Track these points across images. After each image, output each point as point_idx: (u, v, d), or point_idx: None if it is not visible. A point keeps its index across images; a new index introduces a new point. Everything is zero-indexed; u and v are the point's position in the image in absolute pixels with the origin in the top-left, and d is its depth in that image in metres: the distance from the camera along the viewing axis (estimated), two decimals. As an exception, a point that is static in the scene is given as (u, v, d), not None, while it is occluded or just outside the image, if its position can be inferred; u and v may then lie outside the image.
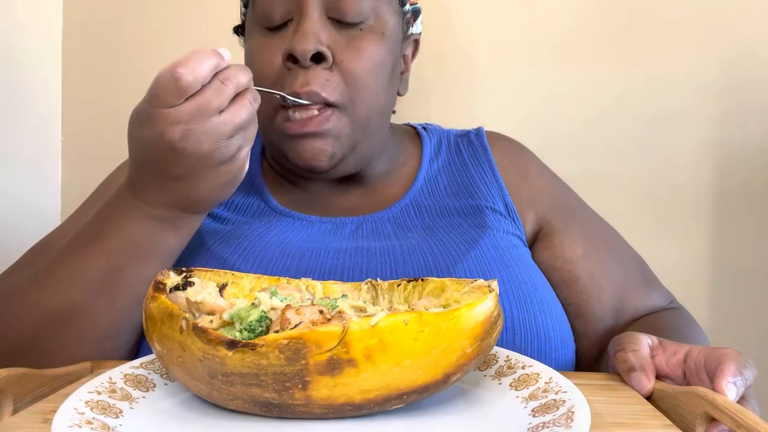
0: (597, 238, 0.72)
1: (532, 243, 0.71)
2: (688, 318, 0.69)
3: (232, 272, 0.51)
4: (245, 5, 0.70)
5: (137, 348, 0.60)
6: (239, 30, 0.74)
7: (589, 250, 0.70)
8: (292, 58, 0.61)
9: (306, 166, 0.63)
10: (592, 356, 0.69)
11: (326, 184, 0.71)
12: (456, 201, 0.70)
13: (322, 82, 0.60)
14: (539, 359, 0.58)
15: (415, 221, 0.67)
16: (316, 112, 0.61)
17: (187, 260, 0.63)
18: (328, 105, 0.61)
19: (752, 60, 1.05)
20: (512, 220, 0.69)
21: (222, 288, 0.49)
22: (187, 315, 0.41)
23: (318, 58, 0.60)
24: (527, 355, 0.58)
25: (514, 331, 0.58)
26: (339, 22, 0.63)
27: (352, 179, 0.70)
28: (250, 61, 0.66)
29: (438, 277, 0.59)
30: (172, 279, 0.47)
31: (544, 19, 1.08)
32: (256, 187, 0.71)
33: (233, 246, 0.62)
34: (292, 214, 0.67)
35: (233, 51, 0.99)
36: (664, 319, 0.68)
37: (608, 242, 0.73)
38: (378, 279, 0.53)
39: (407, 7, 0.70)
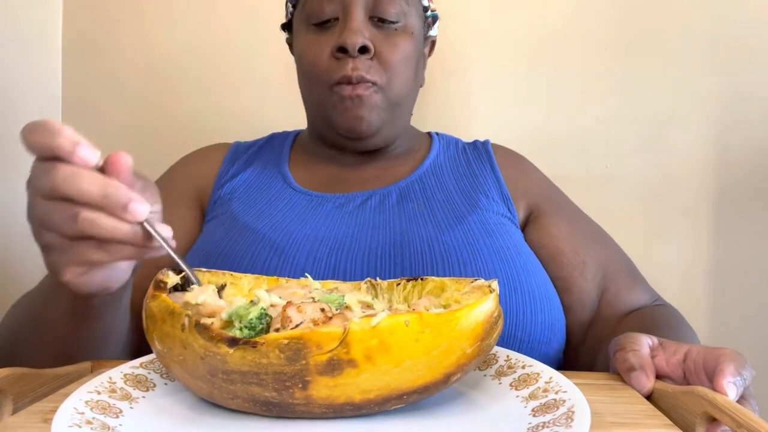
0: (583, 225, 0.79)
1: (524, 227, 0.78)
2: (677, 315, 0.71)
3: (231, 273, 0.51)
4: (293, 5, 0.80)
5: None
6: (285, 27, 0.84)
7: (574, 231, 0.76)
8: (342, 50, 0.72)
9: (351, 125, 0.74)
10: (581, 334, 0.72)
11: (345, 163, 0.80)
12: (456, 184, 0.78)
13: (366, 68, 0.72)
14: (524, 311, 0.63)
15: (418, 194, 0.76)
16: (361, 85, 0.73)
17: (222, 234, 0.70)
18: (370, 83, 0.73)
19: (752, 60, 1.05)
20: (507, 207, 0.76)
21: (221, 289, 0.49)
22: (189, 312, 0.41)
23: (363, 50, 0.72)
24: (511, 308, 0.62)
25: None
26: (378, 22, 0.74)
27: (369, 157, 0.81)
28: (301, 53, 0.77)
29: (428, 245, 0.65)
30: (172, 279, 0.47)
31: (544, 20, 1.08)
32: (282, 174, 0.80)
33: (265, 219, 0.71)
34: (310, 192, 0.76)
35: (239, 54, 0.98)
36: (655, 315, 0.70)
37: (593, 231, 0.79)
38: (378, 278, 0.53)
39: (428, 12, 0.81)
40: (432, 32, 0.84)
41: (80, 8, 1.12)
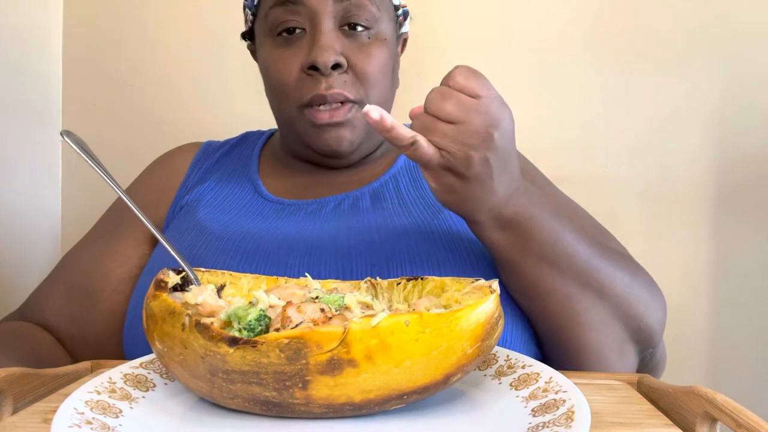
0: (564, 203, 0.77)
1: None
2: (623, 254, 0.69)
3: (230, 272, 0.51)
4: (253, 14, 0.75)
5: None
6: (246, 35, 0.80)
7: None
8: (313, 68, 0.68)
9: (330, 151, 0.72)
10: None
11: (317, 171, 0.77)
12: None
13: (342, 84, 0.68)
14: (503, 302, 0.62)
15: (392, 193, 0.74)
16: (340, 105, 0.69)
17: (189, 244, 0.68)
18: (347, 101, 0.70)
19: (752, 60, 1.05)
20: None
21: (220, 289, 0.49)
22: (190, 311, 0.41)
23: (336, 66, 0.68)
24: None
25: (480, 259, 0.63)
26: (349, 31, 0.70)
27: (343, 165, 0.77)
28: (267, 68, 0.72)
29: (407, 241, 0.64)
30: (172, 278, 0.47)
31: (545, 20, 1.08)
32: (252, 182, 0.78)
33: (234, 228, 0.69)
34: (282, 201, 0.74)
35: (238, 54, 0.99)
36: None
37: (574, 207, 0.77)
38: (378, 278, 0.53)
39: (399, 11, 0.77)
40: (404, 29, 0.80)
41: (80, 6, 1.12)
